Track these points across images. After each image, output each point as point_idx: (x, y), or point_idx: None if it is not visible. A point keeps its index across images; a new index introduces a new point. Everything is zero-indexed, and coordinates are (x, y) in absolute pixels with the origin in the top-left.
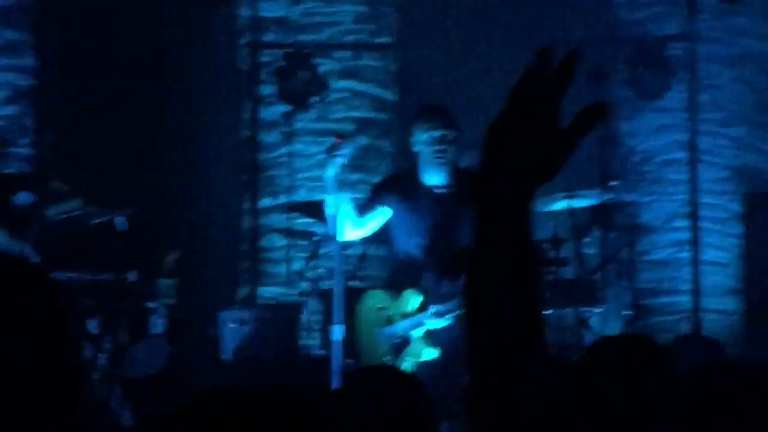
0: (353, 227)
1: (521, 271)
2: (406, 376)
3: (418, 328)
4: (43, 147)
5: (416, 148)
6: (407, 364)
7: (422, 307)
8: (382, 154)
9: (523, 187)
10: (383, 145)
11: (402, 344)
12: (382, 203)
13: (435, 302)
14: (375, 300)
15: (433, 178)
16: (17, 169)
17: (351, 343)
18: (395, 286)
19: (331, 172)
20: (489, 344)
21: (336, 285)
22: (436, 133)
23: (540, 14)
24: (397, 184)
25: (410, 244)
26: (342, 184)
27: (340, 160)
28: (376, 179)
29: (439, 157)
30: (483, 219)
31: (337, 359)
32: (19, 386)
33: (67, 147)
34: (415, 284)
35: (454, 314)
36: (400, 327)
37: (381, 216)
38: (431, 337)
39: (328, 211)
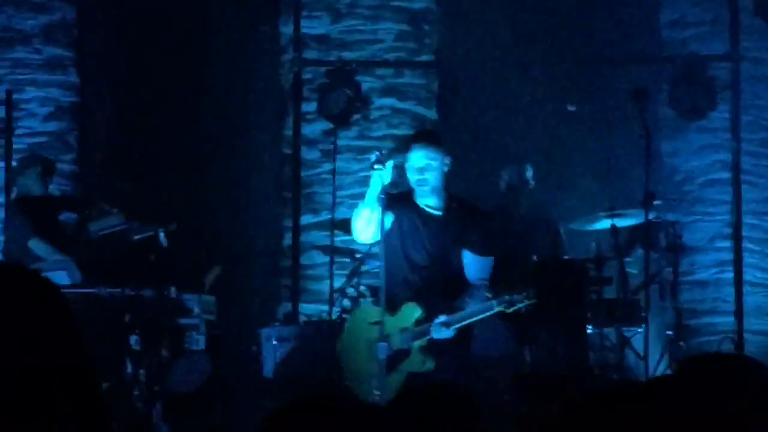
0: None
1: None
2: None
3: (422, 339)
4: (85, 164)
5: (408, 174)
6: (398, 376)
7: (425, 319)
8: None
9: None
10: None
11: (396, 357)
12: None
13: (442, 312)
14: (366, 314)
15: (426, 200)
16: (60, 185)
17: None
18: (390, 300)
19: (375, 186)
20: None
21: (381, 301)
22: (417, 163)
23: (583, 32)
24: (395, 202)
25: (406, 261)
26: (380, 200)
27: (386, 175)
28: None
29: (420, 185)
30: None
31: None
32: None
33: (110, 163)
34: (411, 299)
35: (458, 326)
36: (399, 339)
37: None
38: (430, 349)
39: (368, 223)
